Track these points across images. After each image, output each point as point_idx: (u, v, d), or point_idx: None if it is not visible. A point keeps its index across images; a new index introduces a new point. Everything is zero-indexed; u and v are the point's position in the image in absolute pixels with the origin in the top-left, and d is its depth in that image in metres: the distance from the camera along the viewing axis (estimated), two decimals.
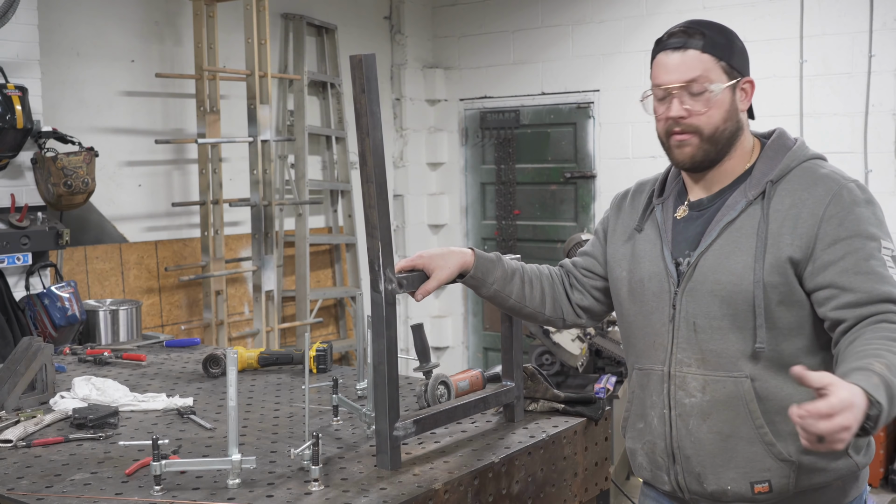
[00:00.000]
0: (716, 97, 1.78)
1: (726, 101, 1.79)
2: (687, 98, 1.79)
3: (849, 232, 1.70)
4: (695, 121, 1.79)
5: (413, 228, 6.84)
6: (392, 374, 1.89)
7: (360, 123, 1.86)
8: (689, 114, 1.79)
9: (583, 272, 2.10)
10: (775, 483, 1.77)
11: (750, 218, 1.78)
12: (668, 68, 1.80)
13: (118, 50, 4.99)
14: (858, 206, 1.73)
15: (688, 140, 1.80)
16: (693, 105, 1.78)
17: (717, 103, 1.78)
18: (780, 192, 1.77)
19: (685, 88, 1.78)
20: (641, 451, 1.94)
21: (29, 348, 2.58)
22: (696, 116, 1.78)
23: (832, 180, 1.76)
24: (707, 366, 1.80)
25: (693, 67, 1.77)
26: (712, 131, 1.79)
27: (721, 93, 1.78)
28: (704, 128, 1.79)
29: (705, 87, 1.77)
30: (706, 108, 1.78)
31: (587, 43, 6.18)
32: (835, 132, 5.29)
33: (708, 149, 1.81)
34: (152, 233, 5.18)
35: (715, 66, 1.78)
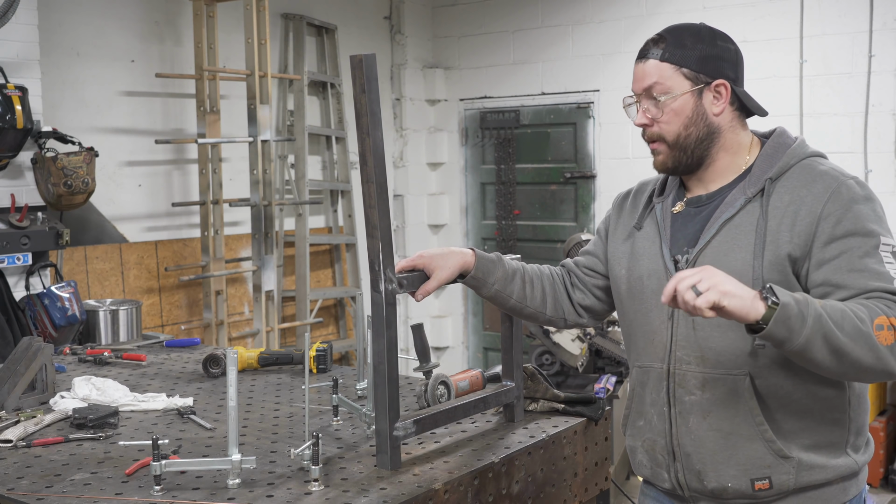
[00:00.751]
0: (670, 105, 1.81)
1: (687, 107, 1.82)
2: (649, 106, 1.84)
3: (845, 230, 1.70)
4: (655, 129, 1.85)
5: (413, 228, 6.84)
6: (392, 374, 1.89)
7: (361, 123, 1.86)
8: (650, 122, 1.84)
9: (584, 271, 2.10)
10: (775, 480, 1.77)
11: (749, 215, 1.78)
12: (634, 77, 1.87)
13: (118, 50, 4.99)
14: (857, 204, 1.73)
15: (657, 148, 1.87)
16: (653, 113, 1.83)
17: (676, 111, 1.81)
18: (779, 189, 1.78)
19: (645, 97, 1.84)
20: (641, 448, 1.94)
21: (29, 348, 2.58)
22: (657, 124, 1.84)
23: (831, 177, 1.76)
24: (706, 363, 1.80)
25: (649, 76, 1.83)
26: (674, 138, 1.83)
27: (678, 99, 1.80)
28: (665, 135, 1.84)
29: (657, 96, 1.82)
30: (661, 116, 1.82)
31: (587, 43, 6.18)
32: (835, 132, 5.29)
33: (678, 155, 1.85)
34: (152, 233, 5.18)
35: (674, 73, 1.81)
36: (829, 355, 1.57)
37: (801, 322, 1.55)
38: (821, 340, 1.56)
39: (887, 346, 1.58)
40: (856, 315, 1.59)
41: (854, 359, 1.58)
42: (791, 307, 1.55)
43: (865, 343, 1.57)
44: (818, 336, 1.55)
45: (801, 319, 1.55)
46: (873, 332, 1.57)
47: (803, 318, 1.55)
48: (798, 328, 1.55)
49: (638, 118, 1.85)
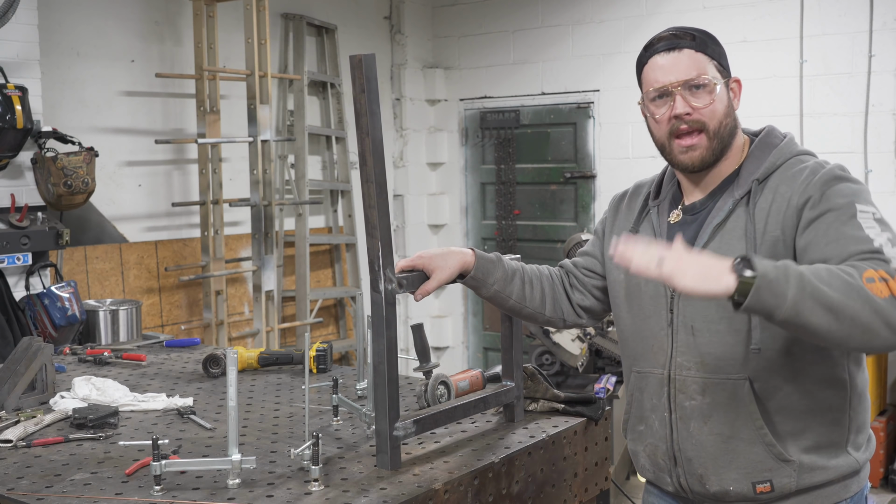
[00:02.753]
0: (715, 93, 1.79)
1: (725, 97, 1.81)
2: (688, 95, 1.79)
3: (820, 210, 1.68)
4: (699, 116, 1.78)
5: (413, 228, 6.84)
6: (392, 374, 1.89)
7: (360, 123, 1.86)
8: (693, 110, 1.79)
9: (583, 272, 2.10)
10: (777, 483, 1.77)
11: (738, 219, 1.78)
12: (665, 69, 1.80)
13: (118, 50, 4.99)
14: (829, 186, 1.70)
15: (696, 143, 1.80)
16: (696, 101, 1.79)
17: (719, 98, 1.80)
18: (765, 191, 1.77)
19: (685, 85, 1.78)
20: (643, 453, 1.94)
21: (29, 348, 2.58)
22: (701, 111, 1.78)
23: (810, 170, 1.75)
24: (706, 368, 1.80)
25: (691, 65, 1.79)
26: (717, 126, 1.79)
27: (719, 88, 1.80)
28: (709, 122, 1.79)
29: (706, 81, 1.78)
30: (710, 102, 1.78)
31: (587, 43, 6.18)
32: (835, 132, 5.29)
33: (715, 147, 1.81)
34: (152, 233, 5.18)
35: (709, 64, 1.80)
36: (825, 314, 1.47)
37: (784, 284, 1.47)
38: (810, 301, 1.47)
39: (884, 300, 1.49)
40: (843, 271, 1.52)
41: (851, 314, 1.48)
42: (769, 273, 1.47)
43: (859, 296, 1.48)
44: (806, 297, 1.47)
45: (784, 282, 1.47)
46: (864, 285, 1.49)
47: (786, 280, 1.47)
48: (782, 291, 1.46)
49: (679, 107, 1.78)
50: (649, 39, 1.86)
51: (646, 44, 1.86)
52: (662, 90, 1.80)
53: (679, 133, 1.81)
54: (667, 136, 1.82)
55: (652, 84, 1.82)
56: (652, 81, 1.82)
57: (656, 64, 1.82)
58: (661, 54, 1.81)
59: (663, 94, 1.80)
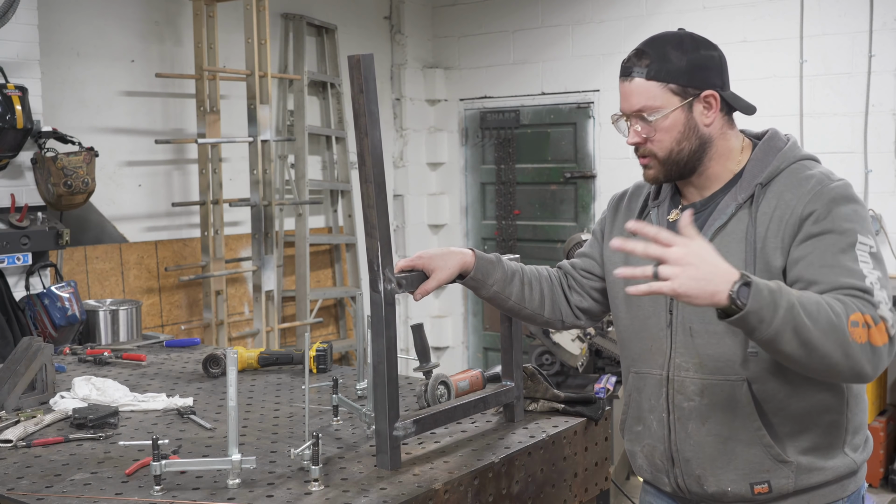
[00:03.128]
0: (661, 124, 1.79)
1: (679, 122, 1.79)
2: (639, 126, 1.82)
3: (822, 228, 1.69)
4: (649, 146, 1.82)
5: (413, 228, 6.84)
6: (392, 374, 1.89)
7: (359, 123, 1.86)
8: (643, 140, 1.82)
9: (581, 273, 2.10)
10: (774, 484, 1.77)
11: (739, 222, 1.78)
12: (621, 95, 1.85)
13: (118, 50, 4.99)
14: (837, 205, 1.71)
15: (648, 163, 1.85)
16: (645, 132, 1.81)
17: (667, 128, 1.79)
18: (769, 194, 1.77)
19: (634, 117, 1.82)
20: (641, 453, 1.95)
21: (29, 348, 2.58)
22: (650, 143, 1.82)
23: (816, 180, 1.75)
24: (704, 370, 1.80)
25: (639, 97, 1.80)
26: (666, 155, 1.81)
27: (669, 117, 1.78)
28: (658, 152, 1.82)
29: (647, 117, 1.80)
30: (654, 135, 1.80)
31: (587, 43, 6.18)
32: (835, 132, 5.29)
33: (669, 169, 1.83)
34: (152, 233, 5.18)
35: (661, 91, 1.79)
36: (799, 347, 1.53)
37: (772, 313, 1.51)
38: (791, 333, 1.52)
39: (860, 345, 1.55)
40: (831, 308, 1.55)
41: (824, 353, 1.54)
42: (762, 299, 1.50)
43: (837, 339, 1.54)
44: (788, 328, 1.52)
45: (773, 310, 1.51)
46: (847, 328, 1.54)
47: (775, 309, 1.51)
48: (769, 319, 1.51)
49: (630, 138, 1.83)
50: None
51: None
52: (620, 115, 1.85)
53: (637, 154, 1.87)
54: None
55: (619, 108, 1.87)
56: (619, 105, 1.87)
57: (619, 88, 1.86)
58: (621, 79, 1.85)
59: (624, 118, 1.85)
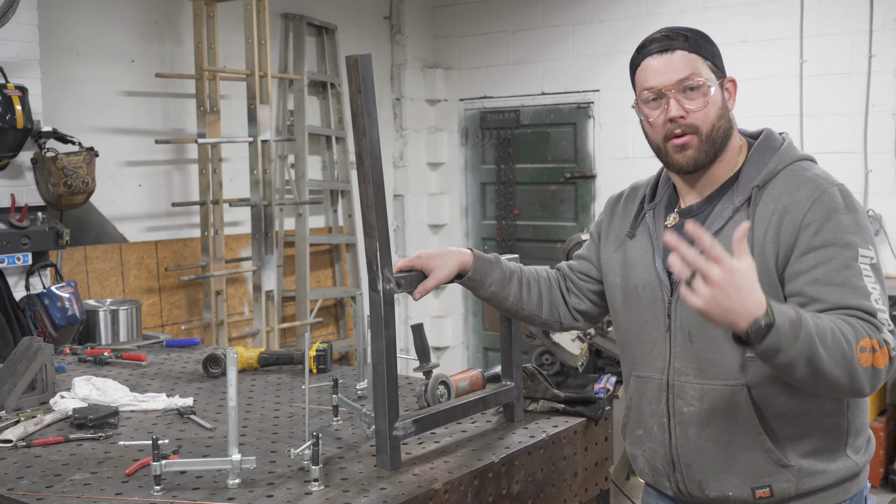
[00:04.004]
0: (710, 95, 1.77)
1: (719, 98, 1.79)
2: (682, 98, 1.77)
3: (824, 241, 1.67)
4: (693, 119, 1.76)
5: (413, 228, 6.84)
6: (392, 374, 1.89)
7: (357, 123, 1.86)
8: (687, 113, 1.77)
9: (579, 276, 2.09)
10: (776, 488, 1.76)
11: (736, 226, 1.75)
12: (657, 71, 1.78)
13: (118, 50, 4.99)
14: (838, 213, 1.69)
15: (688, 142, 1.78)
16: (690, 103, 1.76)
17: (713, 101, 1.77)
18: (766, 197, 1.76)
19: (679, 88, 1.76)
20: (642, 457, 1.94)
21: (29, 348, 2.58)
22: (694, 115, 1.76)
23: (815, 185, 1.73)
24: (704, 375, 1.79)
25: (685, 66, 1.76)
26: (710, 129, 1.77)
27: (713, 90, 1.77)
28: (703, 125, 1.77)
29: (699, 83, 1.76)
30: (704, 105, 1.76)
31: (587, 43, 6.18)
32: (835, 132, 5.29)
33: (707, 149, 1.78)
34: (152, 233, 5.18)
35: (704, 65, 1.78)
36: (810, 375, 1.55)
37: (791, 344, 1.51)
38: (804, 361, 1.53)
39: (864, 368, 1.57)
40: (843, 336, 1.56)
41: (830, 379, 1.56)
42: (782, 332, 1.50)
43: (846, 366, 1.56)
44: (803, 357, 1.53)
45: (793, 341, 1.51)
46: (856, 354, 1.56)
47: (794, 340, 1.51)
48: (787, 347, 1.51)
49: (673, 110, 1.76)
50: (641, 41, 1.83)
51: (638, 46, 1.83)
52: (656, 93, 1.78)
53: (674, 134, 1.79)
54: (662, 138, 1.80)
55: (645, 86, 1.80)
56: (645, 84, 1.80)
57: (649, 66, 1.79)
58: (654, 56, 1.79)
59: (657, 96, 1.79)
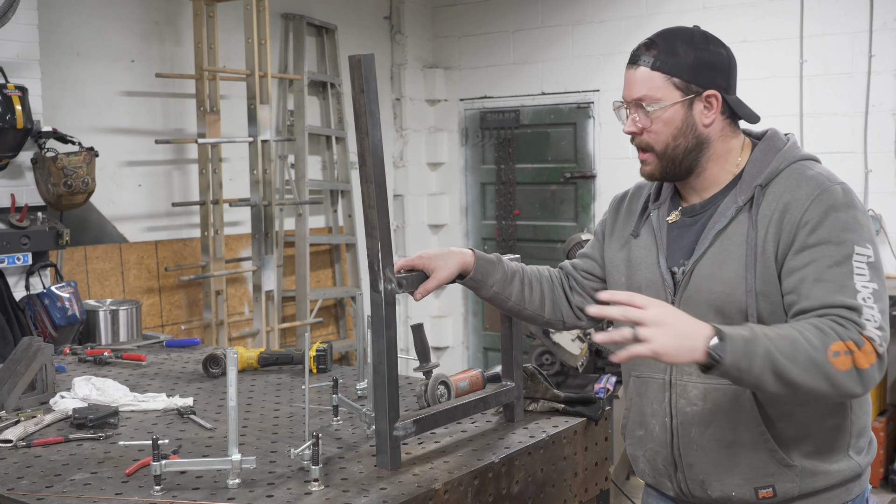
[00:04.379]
0: (660, 116, 1.78)
1: (677, 117, 1.78)
2: (639, 115, 1.80)
3: (819, 239, 1.67)
4: (645, 137, 1.81)
5: (413, 228, 6.84)
6: (392, 374, 1.89)
7: (359, 123, 1.86)
8: (639, 131, 1.81)
9: (582, 274, 2.09)
10: (779, 488, 1.76)
11: (740, 225, 1.76)
12: (625, 83, 1.83)
13: (118, 50, 4.99)
14: (836, 211, 1.69)
15: (646, 158, 1.83)
16: (643, 123, 1.80)
17: (665, 121, 1.78)
18: (768, 196, 1.76)
19: (634, 105, 1.80)
20: (643, 457, 1.94)
21: (29, 348, 2.58)
22: (646, 133, 1.80)
23: (816, 182, 1.73)
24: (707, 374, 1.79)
25: (640, 85, 1.79)
26: (663, 148, 1.80)
27: (668, 110, 1.77)
28: (654, 145, 1.81)
29: (649, 104, 1.78)
30: (651, 126, 1.79)
31: (587, 43, 6.18)
32: (835, 132, 5.28)
33: (666, 165, 1.82)
34: (152, 233, 5.18)
35: (664, 83, 1.77)
36: (783, 387, 1.56)
37: (749, 363, 1.53)
38: (771, 376, 1.54)
39: (844, 373, 1.56)
40: (809, 343, 1.56)
41: (808, 388, 1.56)
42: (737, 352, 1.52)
43: (820, 373, 1.55)
44: (768, 373, 1.53)
45: (750, 361, 1.53)
46: (829, 360, 1.55)
47: (752, 359, 1.53)
48: (747, 369, 1.53)
49: (627, 126, 1.83)
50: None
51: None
52: (621, 103, 1.83)
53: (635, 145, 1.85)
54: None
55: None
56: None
57: (625, 75, 1.84)
58: (627, 67, 1.83)
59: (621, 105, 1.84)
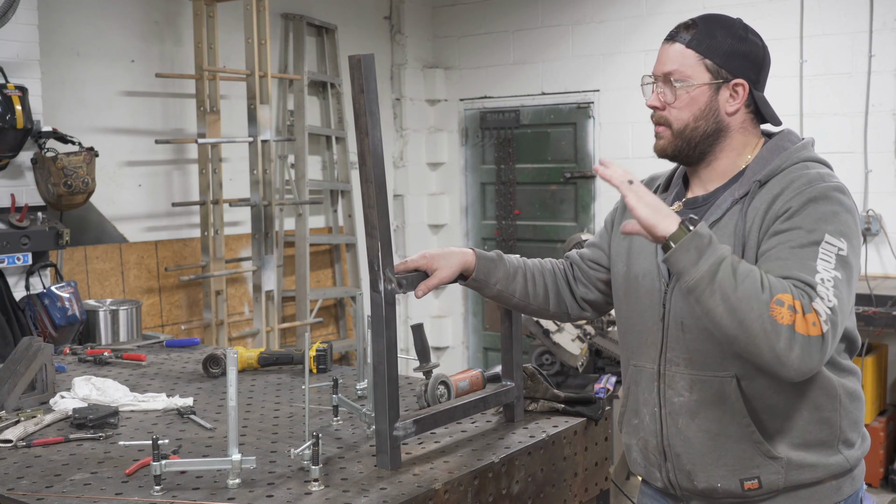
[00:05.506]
0: (685, 93, 1.78)
1: (702, 99, 1.79)
2: (664, 90, 1.81)
3: (791, 225, 1.68)
4: (665, 113, 1.82)
5: (413, 228, 6.84)
6: (392, 374, 1.89)
7: (359, 123, 1.86)
8: (662, 105, 1.81)
9: (589, 264, 2.09)
10: (765, 480, 1.77)
11: (732, 217, 1.78)
12: (658, 58, 1.84)
13: (118, 50, 4.99)
14: (816, 203, 1.68)
15: (661, 132, 1.84)
16: (667, 98, 1.81)
17: (689, 100, 1.79)
18: (763, 192, 1.76)
19: (663, 79, 1.81)
20: (636, 447, 1.95)
21: (29, 348, 2.58)
22: (668, 109, 1.81)
23: (807, 180, 1.73)
24: (694, 365, 1.80)
25: (672, 61, 1.80)
26: (681, 127, 1.81)
27: (694, 90, 1.78)
28: (673, 122, 1.81)
29: (677, 81, 1.79)
30: (675, 102, 1.80)
31: (587, 43, 6.18)
32: (835, 132, 5.29)
33: (679, 145, 1.82)
34: (152, 233, 5.18)
35: (696, 62, 1.78)
36: (720, 303, 1.55)
37: (702, 257, 1.56)
38: (714, 285, 1.55)
39: (780, 325, 1.53)
40: (761, 280, 1.56)
41: (742, 318, 1.54)
42: (701, 238, 1.56)
43: (756, 308, 1.54)
44: (712, 279, 1.55)
45: (705, 255, 1.56)
46: (770, 304, 1.54)
47: (707, 255, 1.56)
48: (697, 261, 1.56)
49: (651, 99, 1.82)
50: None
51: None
52: (646, 78, 1.85)
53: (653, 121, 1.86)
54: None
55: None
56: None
57: (659, 51, 1.85)
58: (663, 43, 1.84)
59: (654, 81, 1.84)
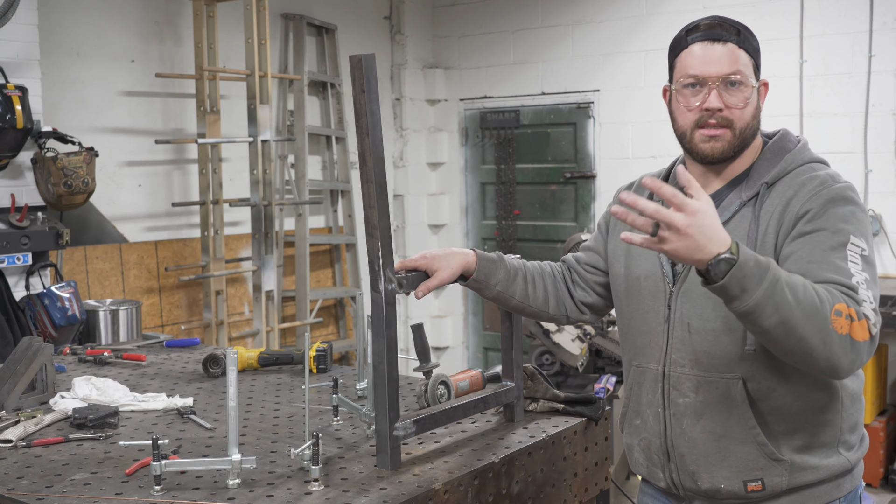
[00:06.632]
0: (747, 94, 1.78)
1: (755, 98, 1.80)
2: (724, 91, 1.77)
3: (816, 227, 1.69)
4: (729, 114, 1.77)
5: (413, 228, 6.84)
6: (392, 374, 1.89)
7: (360, 123, 1.86)
8: (726, 107, 1.77)
9: (585, 268, 2.10)
10: (768, 482, 1.77)
11: (742, 220, 1.78)
12: (706, 59, 1.78)
13: (118, 50, 4.99)
14: (835, 204, 1.70)
15: (720, 135, 1.78)
16: (730, 98, 1.77)
17: (747, 100, 1.78)
18: (773, 194, 1.77)
19: (724, 81, 1.77)
20: (638, 447, 1.95)
21: (29, 348, 2.58)
22: (731, 110, 1.77)
23: (820, 181, 1.75)
24: (700, 367, 1.80)
25: (734, 61, 1.77)
26: (743, 126, 1.78)
27: (751, 90, 1.78)
28: (737, 122, 1.78)
29: (743, 80, 1.77)
30: (743, 104, 1.77)
31: (587, 43, 6.18)
32: (835, 132, 5.29)
33: (736, 144, 1.80)
34: (152, 233, 5.18)
35: (748, 62, 1.79)
36: (778, 325, 1.52)
37: (756, 283, 1.50)
38: (772, 308, 1.51)
39: (840, 335, 1.54)
40: (817, 293, 1.55)
41: (802, 335, 1.53)
42: (747, 265, 1.50)
43: (818, 323, 1.53)
44: (770, 301, 1.51)
45: (757, 281, 1.50)
46: (830, 316, 1.53)
47: (760, 280, 1.50)
48: (751, 288, 1.50)
49: (712, 101, 1.76)
50: (689, 24, 1.83)
51: (686, 28, 1.83)
52: (699, 80, 1.78)
53: (707, 124, 1.79)
54: (692, 125, 1.81)
55: (689, 72, 1.79)
56: (689, 69, 1.79)
57: (696, 52, 1.79)
58: (705, 43, 1.79)
59: (698, 84, 1.78)
